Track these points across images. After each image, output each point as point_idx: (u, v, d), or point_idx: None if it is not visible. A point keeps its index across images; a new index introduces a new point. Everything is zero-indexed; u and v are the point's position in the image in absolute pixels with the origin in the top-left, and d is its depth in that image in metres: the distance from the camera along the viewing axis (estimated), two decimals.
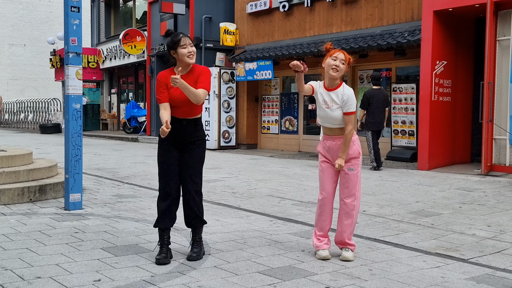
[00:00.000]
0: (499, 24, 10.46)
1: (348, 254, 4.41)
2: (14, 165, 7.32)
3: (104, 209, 6.48)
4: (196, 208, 4.40)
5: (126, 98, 25.97)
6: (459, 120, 11.94)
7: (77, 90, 6.39)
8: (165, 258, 4.23)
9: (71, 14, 6.30)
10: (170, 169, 4.36)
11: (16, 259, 4.23)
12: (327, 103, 4.43)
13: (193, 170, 4.38)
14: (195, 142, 4.41)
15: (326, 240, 4.55)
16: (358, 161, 4.47)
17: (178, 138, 4.37)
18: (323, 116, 4.49)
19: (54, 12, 37.59)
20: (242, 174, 10.19)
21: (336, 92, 4.43)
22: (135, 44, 21.35)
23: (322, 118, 4.51)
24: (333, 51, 4.44)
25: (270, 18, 15.99)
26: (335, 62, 4.37)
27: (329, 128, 4.50)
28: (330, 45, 4.51)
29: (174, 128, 4.30)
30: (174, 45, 4.29)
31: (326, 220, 4.57)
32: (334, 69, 4.37)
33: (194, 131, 4.40)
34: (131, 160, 12.80)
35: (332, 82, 4.44)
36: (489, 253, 4.66)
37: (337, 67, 4.36)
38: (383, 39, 12.15)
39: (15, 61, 36.99)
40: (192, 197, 4.38)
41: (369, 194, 7.81)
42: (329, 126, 4.49)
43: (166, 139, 4.34)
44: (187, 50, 4.27)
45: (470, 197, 7.65)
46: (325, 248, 4.48)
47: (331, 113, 4.42)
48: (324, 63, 4.45)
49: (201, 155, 4.45)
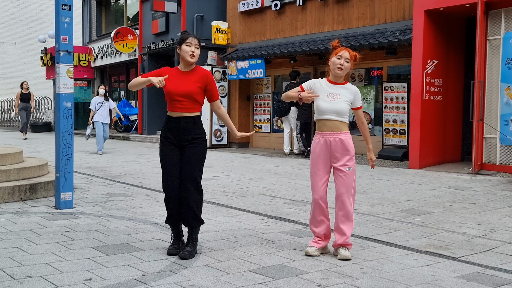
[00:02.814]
0: (490, 24, 10.51)
1: (347, 253, 4.41)
2: (4, 163, 7.28)
3: (95, 208, 6.46)
4: (195, 207, 4.41)
5: (117, 96, 25.86)
6: (450, 119, 11.99)
7: (68, 88, 6.36)
8: (175, 249, 4.41)
9: (62, 12, 6.27)
10: (173, 168, 4.42)
11: (6, 258, 4.21)
12: (333, 95, 4.50)
13: (192, 167, 4.41)
14: (195, 141, 4.45)
15: (317, 239, 4.56)
16: (353, 159, 4.51)
17: (178, 136, 4.43)
18: (326, 108, 4.47)
19: (45, 10, 37.33)
20: (234, 172, 10.19)
21: (345, 87, 4.57)
22: (127, 42, 21.27)
23: (324, 111, 4.48)
24: (338, 49, 4.56)
25: (262, 17, 15.99)
26: (340, 60, 4.50)
27: (330, 120, 4.47)
28: (337, 42, 4.67)
29: (173, 126, 4.41)
30: (180, 42, 4.46)
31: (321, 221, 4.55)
32: (339, 68, 4.50)
33: (193, 129, 4.45)
34: (122, 159, 12.76)
35: (338, 78, 4.57)
36: (479, 251, 4.69)
37: (342, 65, 4.49)
38: (374, 38, 12.18)
39: (5, 59, 36.71)
40: (191, 195, 4.39)
41: (361, 193, 7.83)
42: (331, 118, 4.46)
43: (166, 138, 4.45)
44: (190, 49, 4.40)
45: (461, 195, 7.69)
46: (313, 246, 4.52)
47: (336, 105, 4.47)
48: (330, 61, 4.57)
49: (201, 153, 4.49)
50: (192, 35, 4.46)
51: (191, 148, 4.43)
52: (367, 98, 13.83)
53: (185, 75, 4.46)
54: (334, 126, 4.49)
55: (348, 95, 4.53)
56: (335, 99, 4.48)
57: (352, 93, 4.56)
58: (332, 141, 4.47)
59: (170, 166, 4.43)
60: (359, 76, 14.03)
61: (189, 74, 4.47)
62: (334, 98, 4.49)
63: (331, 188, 4.67)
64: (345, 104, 4.49)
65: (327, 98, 4.50)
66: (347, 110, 4.53)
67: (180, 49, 4.44)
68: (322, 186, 4.51)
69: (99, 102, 14.48)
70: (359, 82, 14.00)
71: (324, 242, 4.56)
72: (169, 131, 4.43)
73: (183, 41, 4.43)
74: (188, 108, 4.41)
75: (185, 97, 4.38)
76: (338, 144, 4.47)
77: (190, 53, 4.40)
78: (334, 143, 4.47)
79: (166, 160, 4.46)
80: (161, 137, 4.56)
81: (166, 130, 4.51)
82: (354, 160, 4.51)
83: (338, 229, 4.49)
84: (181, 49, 4.44)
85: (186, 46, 4.41)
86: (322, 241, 4.54)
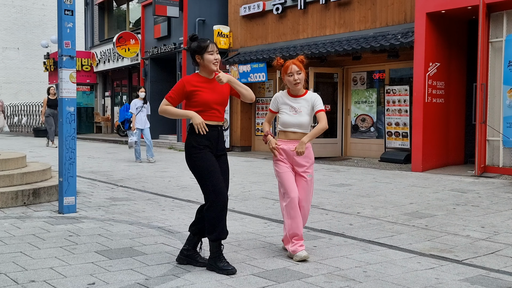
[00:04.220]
0: (492, 26, 10.51)
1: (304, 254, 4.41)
2: (7, 168, 7.29)
3: (98, 212, 6.47)
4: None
5: (120, 101, 25.91)
6: (452, 122, 11.98)
7: (71, 93, 6.38)
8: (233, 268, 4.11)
9: (65, 17, 6.29)
10: (219, 176, 4.19)
11: (10, 263, 4.21)
12: (296, 109, 4.61)
13: (227, 178, 4.32)
14: (225, 151, 4.38)
15: (301, 242, 4.52)
16: (313, 167, 4.68)
17: (216, 145, 4.27)
18: (290, 121, 4.60)
19: (47, 15, 37.46)
20: (236, 176, 10.19)
21: (304, 98, 4.64)
22: (129, 47, 21.32)
23: (288, 124, 4.61)
24: (285, 67, 4.65)
25: (264, 21, 16.02)
26: (292, 77, 4.59)
27: (294, 132, 4.61)
28: (277, 61, 4.77)
29: (213, 134, 4.23)
30: (201, 50, 4.25)
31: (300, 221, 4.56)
32: (296, 84, 4.60)
33: (223, 137, 4.38)
34: (125, 163, 12.77)
35: (298, 91, 4.66)
36: (483, 254, 4.68)
37: (297, 80, 4.59)
38: (376, 41, 12.19)
39: (8, 65, 36.84)
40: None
41: (363, 196, 7.83)
42: (295, 131, 4.61)
43: (206, 147, 4.20)
44: (214, 57, 4.25)
45: (464, 198, 7.68)
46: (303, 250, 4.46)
47: (299, 118, 4.60)
48: (284, 80, 4.67)
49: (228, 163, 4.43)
50: (211, 41, 4.30)
51: (224, 159, 4.35)
52: (369, 101, 13.83)
53: (213, 82, 4.30)
54: (297, 137, 4.60)
55: (308, 106, 4.63)
56: (298, 112, 4.61)
57: (311, 102, 4.63)
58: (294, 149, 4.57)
59: (218, 173, 4.19)
60: (361, 79, 14.04)
61: (211, 83, 4.30)
62: (297, 111, 4.61)
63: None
64: (307, 117, 4.62)
65: (290, 112, 4.63)
66: (310, 122, 4.66)
67: (201, 58, 4.26)
68: (294, 184, 4.55)
69: (139, 106, 13.02)
70: (361, 85, 14.01)
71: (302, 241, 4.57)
72: (207, 140, 4.19)
73: (204, 49, 4.24)
74: (221, 117, 4.32)
75: (221, 105, 4.30)
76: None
77: (214, 61, 4.26)
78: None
79: (213, 168, 4.19)
80: (197, 146, 4.20)
81: (202, 138, 4.18)
82: (313, 168, 4.66)
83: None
84: (203, 58, 4.24)
85: (209, 55, 4.24)
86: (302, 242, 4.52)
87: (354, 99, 14.18)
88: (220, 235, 4.14)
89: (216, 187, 4.12)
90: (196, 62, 4.33)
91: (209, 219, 4.13)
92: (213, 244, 4.16)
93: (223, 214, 4.14)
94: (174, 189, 8.55)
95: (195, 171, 4.21)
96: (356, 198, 7.66)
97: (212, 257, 4.15)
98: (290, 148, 4.57)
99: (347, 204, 7.17)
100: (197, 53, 4.28)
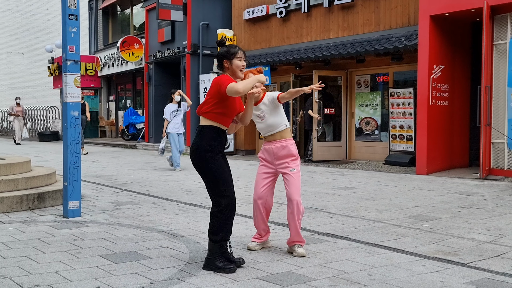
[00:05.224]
0: (496, 28, 10.50)
1: (302, 250, 4.68)
2: (12, 173, 7.31)
3: (102, 216, 6.47)
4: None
5: (124, 105, 25.97)
6: (457, 124, 11.96)
7: (75, 97, 6.40)
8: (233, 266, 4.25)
9: (69, 22, 6.31)
10: (232, 181, 4.37)
11: (15, 267, 4.22)
12: (260, 116, 4.80)
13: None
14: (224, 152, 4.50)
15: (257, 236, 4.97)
16: (297, 162, 4.77)
17: (223, 149, 4.42)
18: (261, 128, 4.84)
19: (52, 20, 37.60)
20: (240, 180, 10.19)
21: (263, 103, 4.79)
22: (133, 51, 21.38)
23: (262, 130, 4.85)
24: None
25: (267, 24, 16.04)
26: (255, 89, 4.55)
27: (271, 135, 4.81)
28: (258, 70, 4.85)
29: (224, 139, 4.37)
30: (230, 56, 4.31)
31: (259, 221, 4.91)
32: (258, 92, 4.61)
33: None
34: (129, 167, 12.79)
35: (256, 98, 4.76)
36: (489, 257, 4.66)
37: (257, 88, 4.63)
38: (380, 44, 12.18)
39: (13, 69, 36.97)
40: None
41: (368, 199, 7.81)
42: (271, 133, 4.80)
43: (220, 152, 4.30)
44: (242, 64, 4.34)
45: (469, 201, 7.65)
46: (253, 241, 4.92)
47: (267, 122, 4.77)
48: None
49: None
50: (238, 47, 4.36)
51: (225, 158, 4.46)
52: (373, 104, 13.82)
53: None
54: (275, 137, 4.79)
55: (268, 106, 4.76)
56: (263, 118, 4.78)
57: (269, 101, 4.75)
58: (275, 148, 4.76)
59: (231, 178, 4.35)
60: (365, 82, 14.03)
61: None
62: (261, 117, 4.79)
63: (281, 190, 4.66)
64: (273, 118, 4.76)
65: (258, 120, 4.83)
66: (279, 120, 4.78)
67: (230, 63, 4.30)
68: (262, 187, 4.83)
69: (174, 110, 11.90)
70: (365, 88, 14.00)
71: (264, 237, 4.93)
72: (220, 145, 4.28)
73: (233, 55, 4.29)
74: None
75: (234, 115, 4.43)
76: (280, 150, 4.75)
77: (241, 67, 4.33)
78: (277, 150, 4.75)
79: (228, 173, 4.32)
80: (213, 151, 4.24)
81: (216, 143, 4.26)
82: (298, 163, 4.78)
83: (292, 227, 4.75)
84: (231, 63, 4.30)
85: (237, 60, 4.30)
86: (262, 237, 4.93)
87: (358, 102, 14.18)
88: (225, 237, 4.27)
89: (229, 191, 4.26)
90: (223, 67, 4.38)
91: (218, 222, 4.22)
92: (215, 244, 4.23)
93: (233, 217, 4.31)
94: (178, 193, 8.56)
95: (210, 174, 4.25)
96: (361, 201, 7.65)
97: (211, 257, 4.23)
98: (270, 147, 4.78)
99: (351, 207, 7.16)
100: (226, 58, 4.33)
